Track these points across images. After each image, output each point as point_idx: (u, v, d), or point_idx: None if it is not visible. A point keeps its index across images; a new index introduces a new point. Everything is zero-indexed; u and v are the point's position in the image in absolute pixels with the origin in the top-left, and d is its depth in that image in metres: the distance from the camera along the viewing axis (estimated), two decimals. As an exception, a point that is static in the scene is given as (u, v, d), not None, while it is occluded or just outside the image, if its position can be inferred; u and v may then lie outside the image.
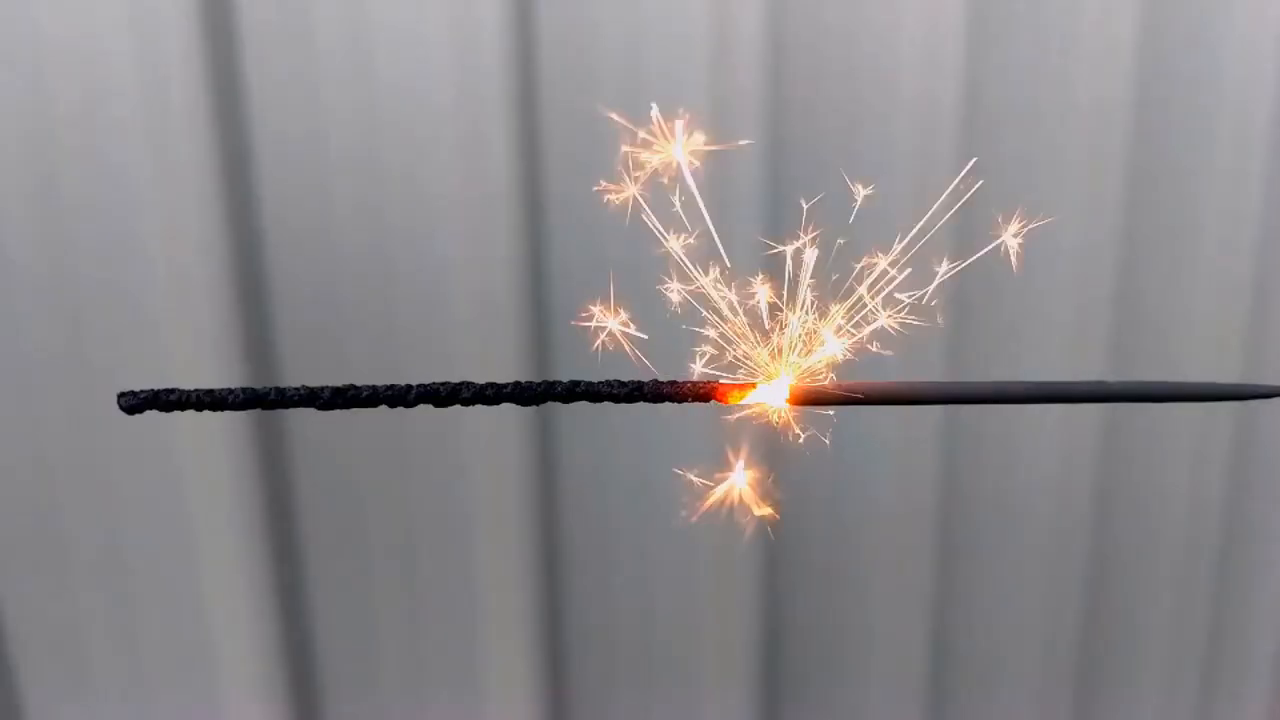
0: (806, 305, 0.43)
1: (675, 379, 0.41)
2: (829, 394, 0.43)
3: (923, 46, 0.85)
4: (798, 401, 0.43)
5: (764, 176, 0.86)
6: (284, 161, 0.82)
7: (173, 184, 0.80)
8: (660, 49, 0.83)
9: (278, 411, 0.73)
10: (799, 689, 1.04)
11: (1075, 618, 1.05)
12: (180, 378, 0.83)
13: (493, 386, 0.40)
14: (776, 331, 0.43)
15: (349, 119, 0.81)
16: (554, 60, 0.82)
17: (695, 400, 0.41)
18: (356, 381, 0.40)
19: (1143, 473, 1.01)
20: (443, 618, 0.96)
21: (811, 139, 0.86)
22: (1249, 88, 0.90)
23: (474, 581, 0.94)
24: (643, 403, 0.42)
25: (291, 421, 0.88)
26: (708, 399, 0.41)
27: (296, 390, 0.38)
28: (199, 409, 0.38)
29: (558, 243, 0.86)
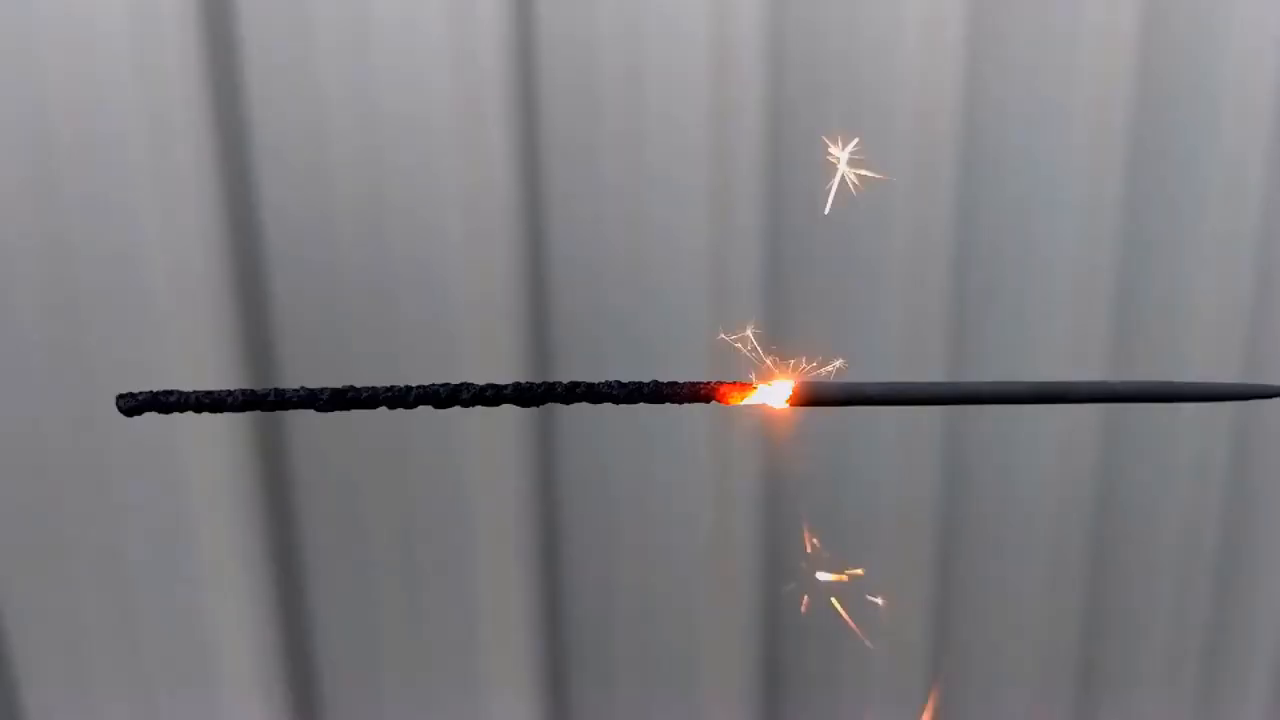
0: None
1: (675, 379, 0.41)
2: (830, 394, 0.43)
3: (923, 46, 0.85)
4: (798, 402, 0.43)
5: (764, 175, 0.85)
6: (284, 161, 0.82)
7: (172, 184, 0.80)
8: (660, 49, 0.83)
9: (278, 413, 0.73)
10: (799, 689, 1.04)
11: (1075, 618, 1.05)
12: (180, 378, 0.83)
13: (493, 388, 0.40)
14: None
15: (349, 119, 0.81)
16: (554, 60, 0.82)
17: (695, 401, 0.41)
18: (357, 382, 0.40)
19: (1143, 473, 1.01)
20: (443, 617, 0.96)
21: (811, 139, 0.86)
22: (1249, 88, 0.90)
23: (474, 581, 0.94)
24: (643, 403, 0.41)
25: (291, 422, 0.88)
26: (708, 400, 0.41)
27: (295, 392, 0.38)
28: (198, 410, 0.37)
29: (558, 243, 0.86)
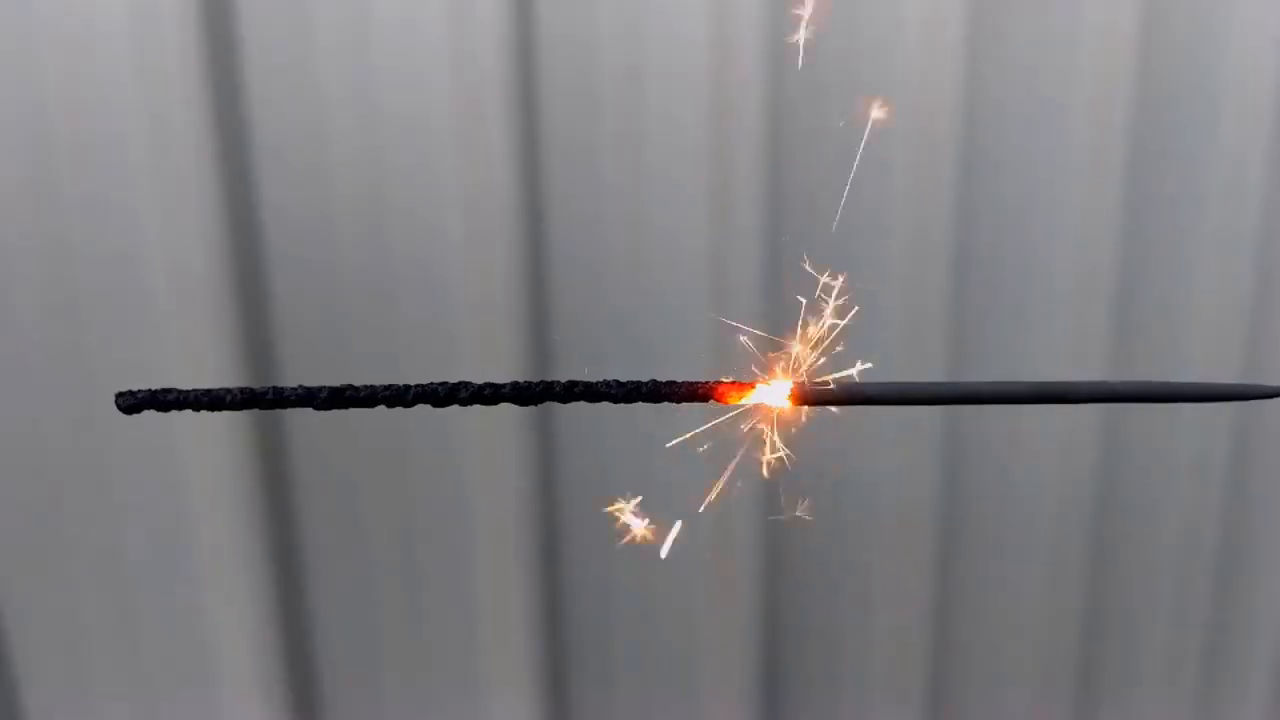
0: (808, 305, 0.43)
1: (674, 379, 0.41)
2: (830, 394, 0.43)
3: (923, 47, 0.85)
4: (799, 401, 0.43)
5: (764, 176, 0.85)
6: (284, 161, 0.82)
7: (172, 184, 0.80)
8: (660, 49, 0.82)
9: (277, 411, 0.73)
10: (799, 690, 1.04)
11: (1075, 618, 1.05)
12: (180, 377, 0.83)
13: (491, 386, 0.40)
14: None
15: (349, 119, 0.81)
16: (554, 60, 0.82)
17: (694, 400, 0.41)
18: (356, 381, 0.40)
19: (1143, 473, 1.01)
20: (443, 618, 0.96)
21: (811, 139, 0.86)
22: (1249, 88, 0.89)
23: (474, 581, 0.94)
24: (642, 403, 0.41)
25: (291, 421, 0.88)
26: (706, 399, 0.41)
27: (294, 390, 0.38)
28: (196, 409, 0.37)
29: (558, 243, 0.86)
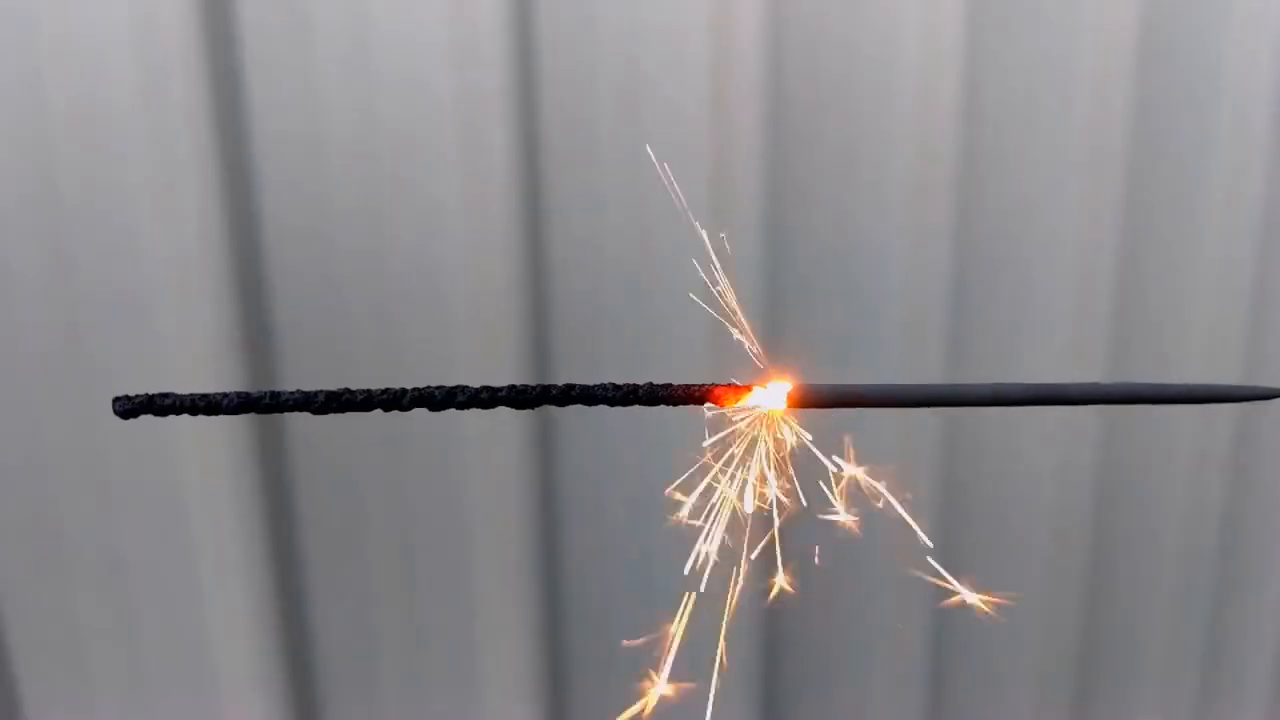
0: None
1: (670, 381, 0.41)
2: (828, 396, 0.43)
3: (922, 47, 0.85)
4: (796, 404, 0.43)
5: (763, 176, 0.85)
6: (284, 161, 0.82)
7: (172, 185, 0.80)
8: (660, 49, 0.82)
9: (277, 415, 0.73)
10: (799, 689, 1.04)
11: (1075, 618, 1.04)
12: (180, 379, 0.83)
13: (488, 390, 0.40)
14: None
15: (349, 120, 0.81)
16: (554, 60, 0.82)
17: (691, 403, 0.41)
18: (356, 383, 0.40)
19: (1142, 473, 1.00)
20: (442, 618, 0.96)
21: (811, 139, 0.86)
22: (1249, 88, 0.89)
23: (474, 582, 0.94)
24: (639, 405, 0.41)
25: (291, 424, 0.88)
26: (702, 402, 0.41)
27: (291, 394, 0.38)
28: (193, 413, 0.37)
29: (557, 244, 0.86)
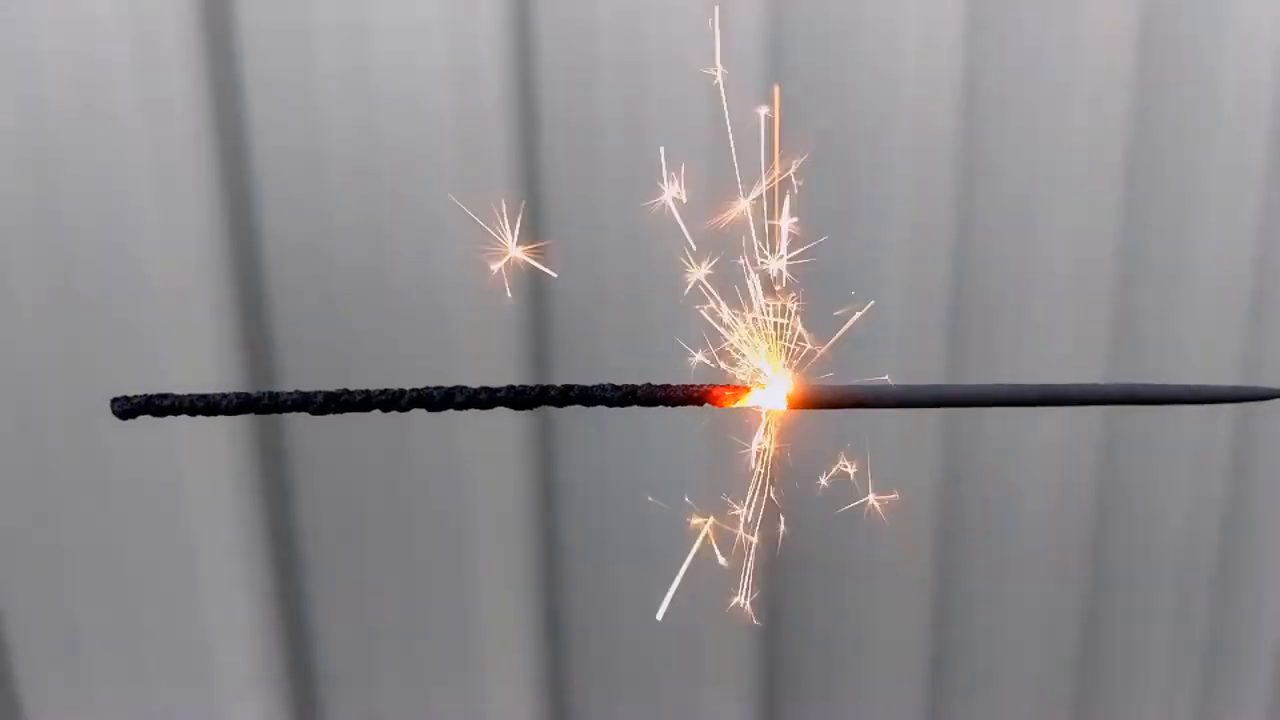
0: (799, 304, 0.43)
1: (669, 382, 0.41)
2: (827, 397, 0.43)
3: (922, 48, 0.85)
4: (796, 405, 0.43)
5: (763, 176, 0.85)
6: (283, 165, 0.82)
7: (171, 188, 0.80)
8: (660, 49, 0.82)
9: (275, 415, 0.73)
10: (799, 689, 1.04)
11: (1075, 618, 1.04)
12: (180, 381, 0.83)
13: (486, 391, 0.40)
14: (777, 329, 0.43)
15: (348, 123, 0.81)
16: (554, 60, 0.82)
17: (690, 404, 0.41)
18: (355, 385, 0.40)
19: (1142, 474, 1.00)
20: (443, 618, 0.96)
21: (810, 138, 0.86)
22: (1249, 88, 0.89)
23: (474, 583, 0.94)
24: (638, 406, 0.41)
25: (290, 424, 0.88)
26: (701, 403, 0.41)
27: (290, 395, 0.38)
28: (192, 414, 0.37)
29: (557, 246, 0.86)
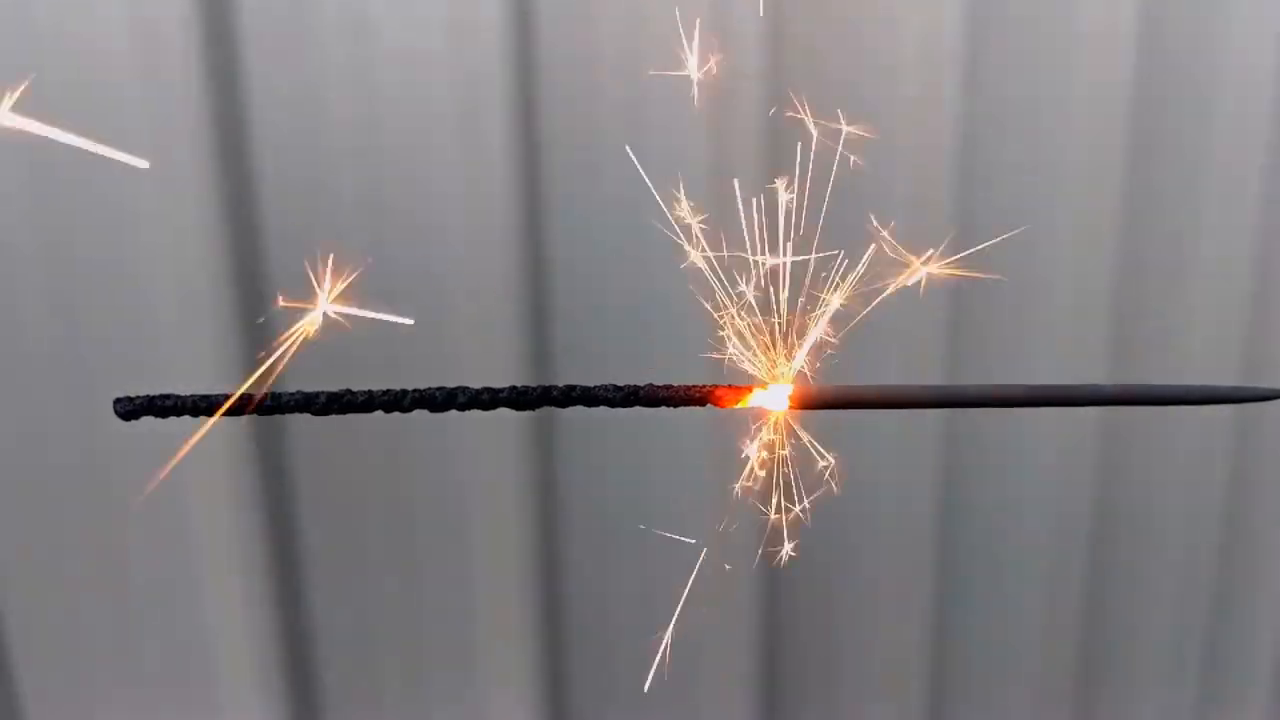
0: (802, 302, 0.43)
1: (671, 383, 0.41)
2: (829, 398, 0.43)
3: (923, 48, 0.85)
4: (799, 405, 0.43)
5: (763, 177, 0.85)
6: (284, 162, 0.82)
7: (173, 186, 0.80)
8: (660, 49, 0.82)
9: (277, 416, 0.73)
10: (799, 690, 1.04)
11: (1075, 619, 1.04)
12: (181, 381, 0.83)
13: (488, 391, 0.40)
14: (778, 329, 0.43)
15: (349, 120, 0.81)
16: (554, 60, 0.82)
17: (692, 405, 0.41)
18: (356, 385, 0.40)
19: (1143, 474, 1.00)
20: (443, 619, 0.96)
21: (810, 144, 0.86)
22: (1249, 88, 0.89)
23: (474, 583, 0.94)
24: (640, 407, 0.41)
25: (291, 425, 0.88)
26: (703, 403, 0.41)
27: (292, 395, 0.38)
28: (194, 414, 0.37)
29: (557, 246, 0.86)
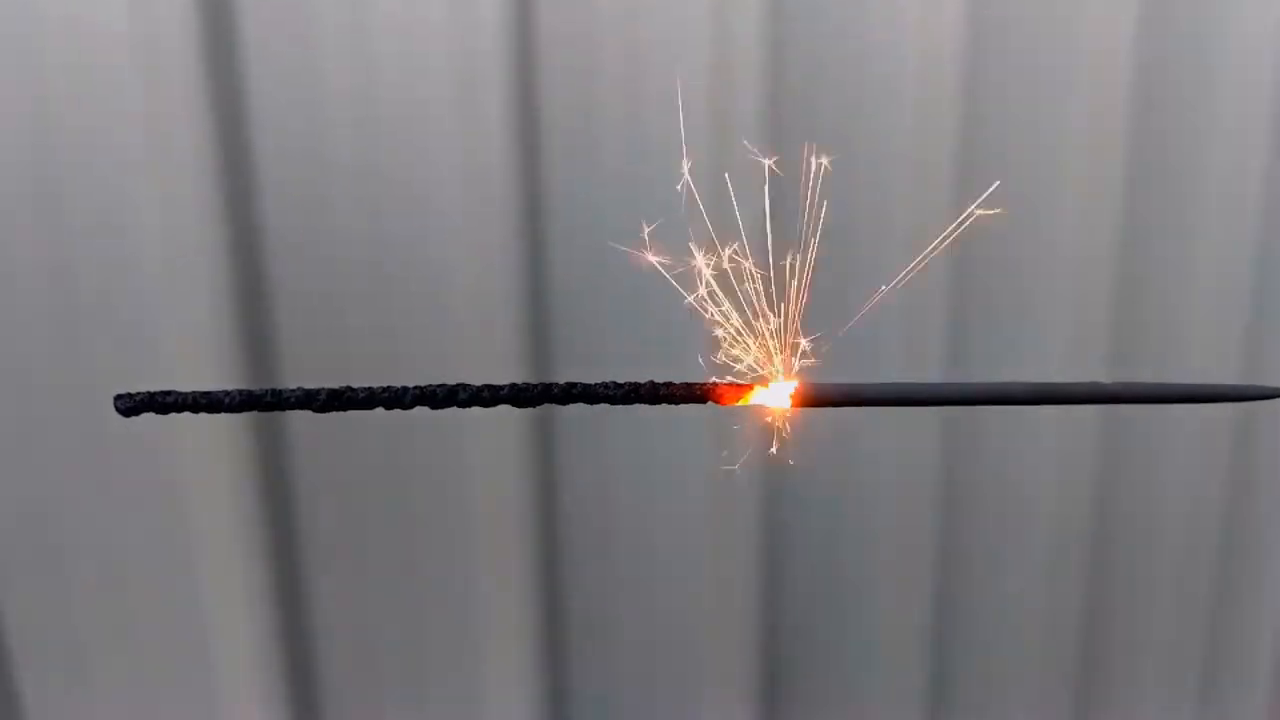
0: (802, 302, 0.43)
1: (672, 380, 0.41)
2: (830, 395, 0.43)
3: (923, 48, 0.85)
4: (799, 403, 0.43)
5: (763, 175, 0.85)
6: (284, 162, 0.82)
7: (172, 185, 0.80)
8: (660, 49, 0.82)
9: (277, 413, 0.73)
10: (799, 690, 1.04)
11: (1075, 619, 1.04)
12: (181, 379, 0.83)
13: (489, 388, 0.40)
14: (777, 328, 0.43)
15: (349, 120, 0.81)
16: (554, 60, 0.82)
17: (693, 402, 0.41)
18: (356, 383, 0.40)
19: (1143, 474, 1.00)
20: (443, 618, 0.96)
21: (810, 137, 0.86)
22: (1249, 88, 0.89)
23: (474, 583, 0.94)
24: (640, 404, 0.41)
25: (291, 423, 0.88)
26: (704, 400, 0.41)
27: (293, 392, 0.38)
28: (195, 411, 0.37)
29: (558, 243, 0.86)
